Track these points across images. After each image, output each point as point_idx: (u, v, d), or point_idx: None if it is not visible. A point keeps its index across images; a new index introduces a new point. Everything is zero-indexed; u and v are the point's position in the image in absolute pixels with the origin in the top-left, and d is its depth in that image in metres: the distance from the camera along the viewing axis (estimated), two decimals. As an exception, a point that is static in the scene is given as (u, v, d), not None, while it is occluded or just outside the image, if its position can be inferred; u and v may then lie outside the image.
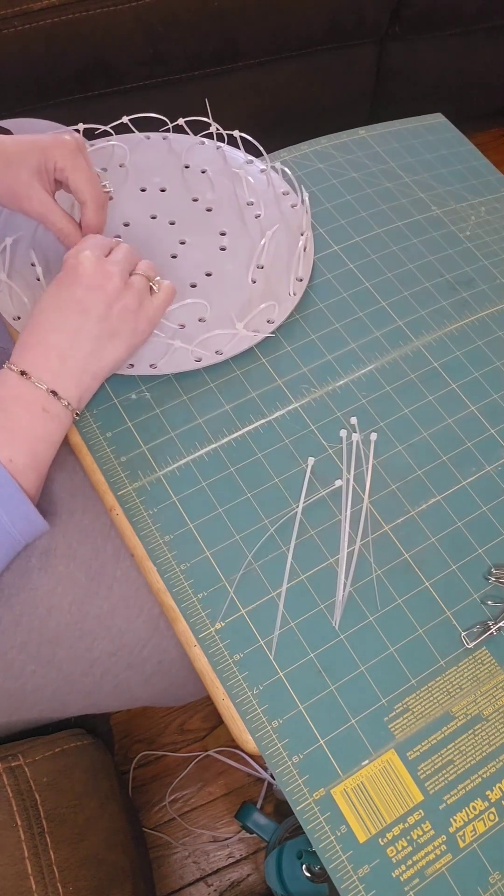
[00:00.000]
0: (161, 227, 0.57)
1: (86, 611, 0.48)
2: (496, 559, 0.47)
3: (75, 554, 0.49)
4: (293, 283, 0.54)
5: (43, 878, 0.47)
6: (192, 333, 0.52)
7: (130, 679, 0.52)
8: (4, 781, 0.50)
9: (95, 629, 0.49)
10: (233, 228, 0.57)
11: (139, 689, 0.53)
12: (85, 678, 0.50)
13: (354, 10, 1.06)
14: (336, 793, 0.40)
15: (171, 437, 0.49)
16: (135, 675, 0.51)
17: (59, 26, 0.90)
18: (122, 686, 0.52)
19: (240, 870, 0.87)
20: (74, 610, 0.48)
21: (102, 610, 0.49)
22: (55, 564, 0.48)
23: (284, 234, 0.57)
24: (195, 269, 0.55)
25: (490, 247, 0.61)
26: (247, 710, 0.41)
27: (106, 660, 0.50)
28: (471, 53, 1.24)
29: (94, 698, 0.53)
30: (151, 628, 0.50)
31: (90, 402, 0.49)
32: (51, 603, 0.48)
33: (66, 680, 0.50)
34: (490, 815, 0.40)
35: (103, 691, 0.52)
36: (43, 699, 0.51)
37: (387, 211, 0.61)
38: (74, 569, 0.48)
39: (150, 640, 0.50)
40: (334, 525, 0.47)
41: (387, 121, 0.68)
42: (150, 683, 0.53)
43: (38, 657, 0.49)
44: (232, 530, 0.46)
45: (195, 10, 0.96)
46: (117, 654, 0.50)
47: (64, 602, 0.48)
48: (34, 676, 0.49)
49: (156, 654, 0.51)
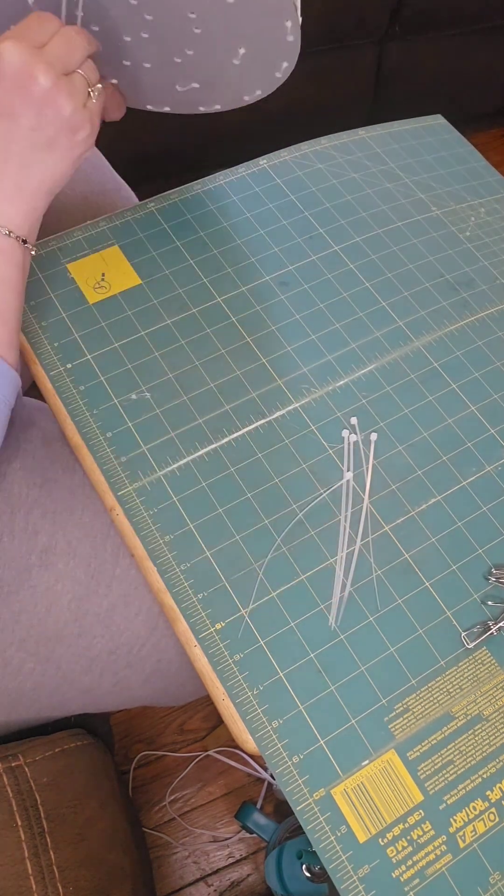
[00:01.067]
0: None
1: (85, 608, 0.48)
2: (496, 559, 0.47)
3: (75, 552, 0.49)
4: None
5: (43, 878, 0.47)
6: None
7: (129, 678, 0.52)
8: (4, 781, 0.50)
9: (94, 627, 0.49)
10: None
11: (138, 689, 0.53)
12: (84, 676, 0.50)
13: (354, 11, 1.06)
14: (336, 793, 0.40)
15: (171, 438, 0.49)
16: (134, 674, 0.51)
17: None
18: (121, 685, 0.52)
19: (240, 870, 0.87)
20: (74, 607, 0.48)
21: (102, 608, 0.49)
22: (55, 562, 0.48)
23: None
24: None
25: (490, 247, 0.61)
26: (247, 711, 0.41)
27: (105, 658, 0.50)
28: (471, 54, 1.24)
29: (94, 696, 0.53)
30: (150, 627, 0.50)
31: (90, 403, 0.49)
32: (50, 600, 0.48)
33: (65, 678, 0.50)
34: (490, 816, 0.40)
35: (102, 689, 0.52)
36: (42, 697, 0.51)
37: (387, 211, 0.61)
38: (74, 566, 0.48)
39: (149, 639, 0.50)
40: (334, 525, 0.47)
41: (386, 122, 0.68)
42: (150, 683, 0.53)
43: (37, 654, 0.49)
44: (232, 530, 0.46)
45: (195, 11, 0.96)
46: (116, 652, 0.50)
47: (63, 599, 0.48)
48: (33, 674, 0.49)
49: (155, 654, 0.51)
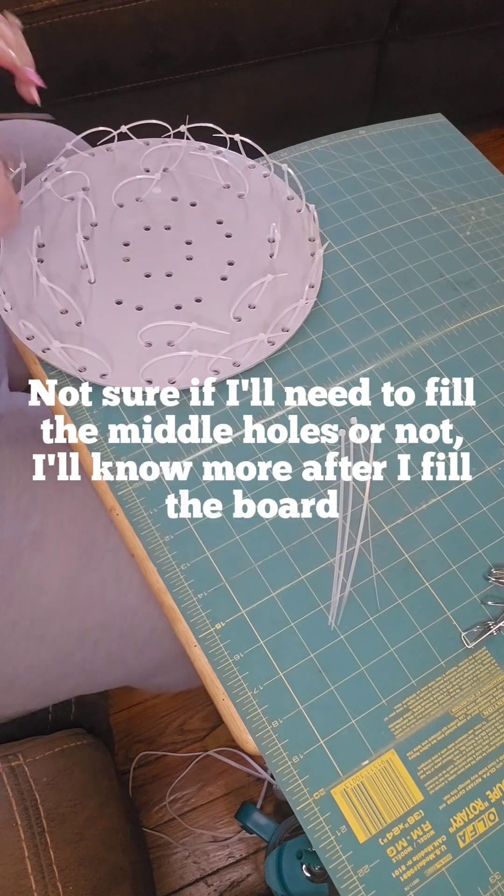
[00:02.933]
0: (161, 235, 0.56)
1: (77, 585, 0.49)
2: (496, 559, 0.47)
3: (66, 533, 0.49)
4: (306, 290, 0.54)
5: (43, 877, 0.47)
6: (252, 322, 0.51)
7: (124, 649, 0.52)
8: (4, 781, 0.50)
9: (87, 602, 0.49)
10: (237, 233, 0.57)
11: (133, 660, 0.53)
12: (78, 651, 0.50)
13: (354, 10, 1.06)
14: (336, 793, 0.40)
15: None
16: (128, 644, 0.51)
17: (59, 26, 0.90)
18: (114, 657, 0.52)
19: (240, 870, 0.87)
20: (66, 586, 0.48)
21: (94, 582, 0.49)
22: (46, 545, 0.48)
23: (291, 238, 0.57)
24: (216, 263, 0.54)
25: (490, 247, 0.61)
26: (247, 711, 0.41)
27: (98, 630, 0.50)
28: (471, 53, 1.24)
29: (88, 672, 0.53)
30: (143, 597, 0.50)
31: (90, 402, 0.49)
32: (42, 582, 0.48)
33: (59, 655, 0.50)
34: (490, 816, 0.40)
35: (97, 664, 0.52)
36: (36, 677, 0.51)
37: (387, 211, 0.61)
38: (66, 547, 0.49)
39: (141, 608, 0.50)
40: (334, 525, 0.47)
41: (387, 121, 0.68)
42: (144, 654, 0.53)
43: (30, 635, 0.49)
44: (232, 530, 0.46)
45: (195, 10, 0.96)
46: (109, 623, 0.50)
47: (55, 580, 0.48)
48: (27, 655, 0.49)
49: (148, 622, 0.51)
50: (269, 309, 0.53)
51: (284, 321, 0.53)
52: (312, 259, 0.56)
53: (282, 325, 0.53)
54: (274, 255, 0.55)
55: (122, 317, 0.52)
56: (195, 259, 0.55)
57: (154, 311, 0.52)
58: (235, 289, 0.53)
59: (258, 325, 0.52)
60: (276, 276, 0.53)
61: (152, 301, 0.53)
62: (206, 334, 0.51)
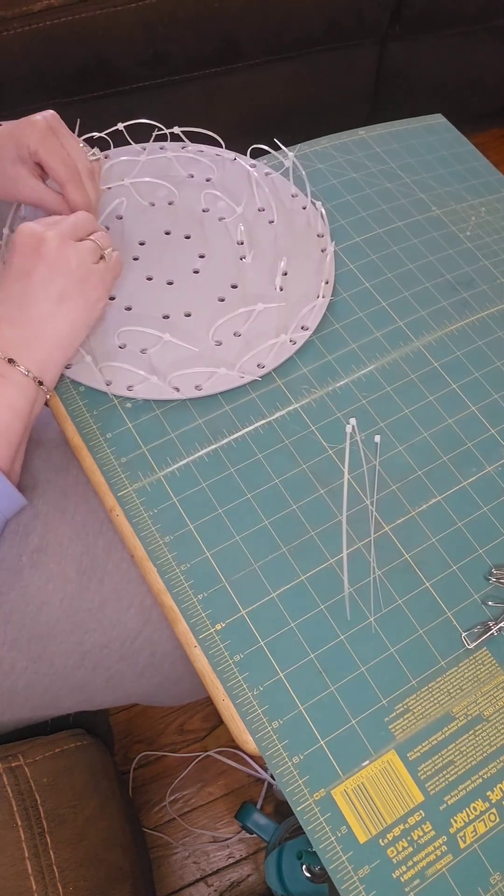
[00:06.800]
0: (178, 242, 0.57)
1: (77, 605, 0.49)
2: (496, 559, 0.47)
3: (66, 551, 0.49)
4: (322, 286, 0.54)
5: (43, 878, 0.47)
6: (231, 349, 0.51)
7: (123, 672, 0.52)
8: (4, 781, 0.50)
9: (86, 622, 0.49)
10: (248, 236, 0.57)
11: (132, 684, 0.53)
12: (77, 672, 0.50)
13: (354, 10, 1.06)
14: (336, 793, 0.40)
15: (171, 438, 0.49)
16: (127, 667, 0.51)
17: (59, 27, 0.90)
18: (114, 679, 0.52)
19: (240, 870, 0.87)
20: (65, 605, 0.48)
21: (93, 603, 0.49)
22: (46, 562, 0.48)
23: (301, 237, 0.57)
24: (220, 283, 0.54)
25: (490, 247, 0.61)
26: (247, 711, 0.41)
27: (98, 652, 0.50)
28: (471, 54, 1.24)
29: (87, 693, 0.53)
30: (143, 620, 0.50)
31: (91, 403, 0.49)
32: (41, 600, 0.48)
33: (58, 675, 0.50)
34: (490, 816, 0.40)
35: (96, 685, 0.52)
36: (35, 695, 0.51)
37: (387, 211, 0.61)
38: (65, 565, 0.48)
39: (141, 631, 0.50)
40: (334, 525, 0.47)
41: (387, 121, 0.68)
42: (144, 677, 0.53)
43: (29, 653, 0.49)
44: (232, 531, 0.46)
45: (195, 10, 0.96)
46: (109, 646, 0.50)
47: (55, 598, 0.48)
48: (26, 673, 0.49)
49: (148, 646, 0.51)
50: (254, 339, 0.52)
51: (304, 319, 0.53)
52: (324, 255, 0.56)
53: (301, 323, 0.53)
54: (281, 290, 0.54)
55: (110, 313, 0.52)
56: (201, 273, 0.55)
57: (141, 315, 0.52)
58: (228, 313, 0.53)
59: (234, 354, 0.51)
60: (266, 306, 0.53)
61: (144, 305, 0.53)
62: (178, 348, 0.51)
